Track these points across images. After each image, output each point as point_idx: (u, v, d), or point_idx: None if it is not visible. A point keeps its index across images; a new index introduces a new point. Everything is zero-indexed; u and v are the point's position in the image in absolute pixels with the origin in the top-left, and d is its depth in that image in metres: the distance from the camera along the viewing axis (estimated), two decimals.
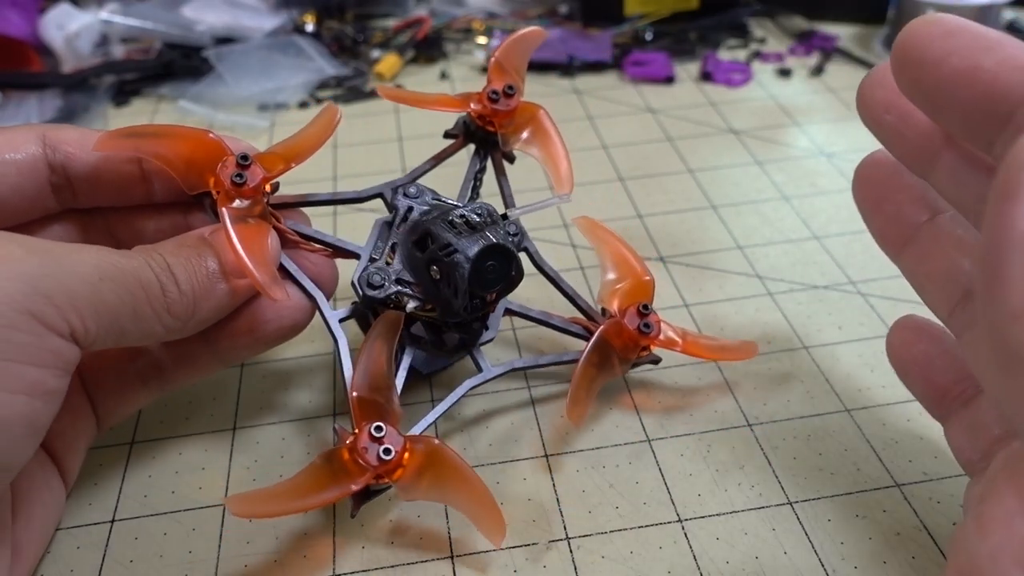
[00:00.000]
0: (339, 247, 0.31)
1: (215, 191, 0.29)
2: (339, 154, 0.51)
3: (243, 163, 0.29)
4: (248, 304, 0.30)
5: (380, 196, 0.33)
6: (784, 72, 0.59)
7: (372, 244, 0.31)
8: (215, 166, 0.29)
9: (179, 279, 0.27)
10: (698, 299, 0.39)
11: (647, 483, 0.31)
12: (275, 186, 0.30)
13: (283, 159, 0.30)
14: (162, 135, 0.29)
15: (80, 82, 0.58)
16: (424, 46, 0.62)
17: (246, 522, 0.29)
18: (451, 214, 0.30)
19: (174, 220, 0.31)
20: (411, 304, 0.30)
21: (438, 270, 0.29)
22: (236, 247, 0.28)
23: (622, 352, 0.32)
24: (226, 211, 0.28)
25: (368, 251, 0.31)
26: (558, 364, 0.34)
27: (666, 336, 0.33)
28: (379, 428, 0.26)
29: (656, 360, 0.34)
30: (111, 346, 0.25)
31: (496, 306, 0.32)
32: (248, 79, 0.58)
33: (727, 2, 0.64)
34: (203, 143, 0.29)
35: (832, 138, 0.51)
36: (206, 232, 0.29)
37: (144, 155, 0.29)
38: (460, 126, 0.35)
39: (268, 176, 0.29)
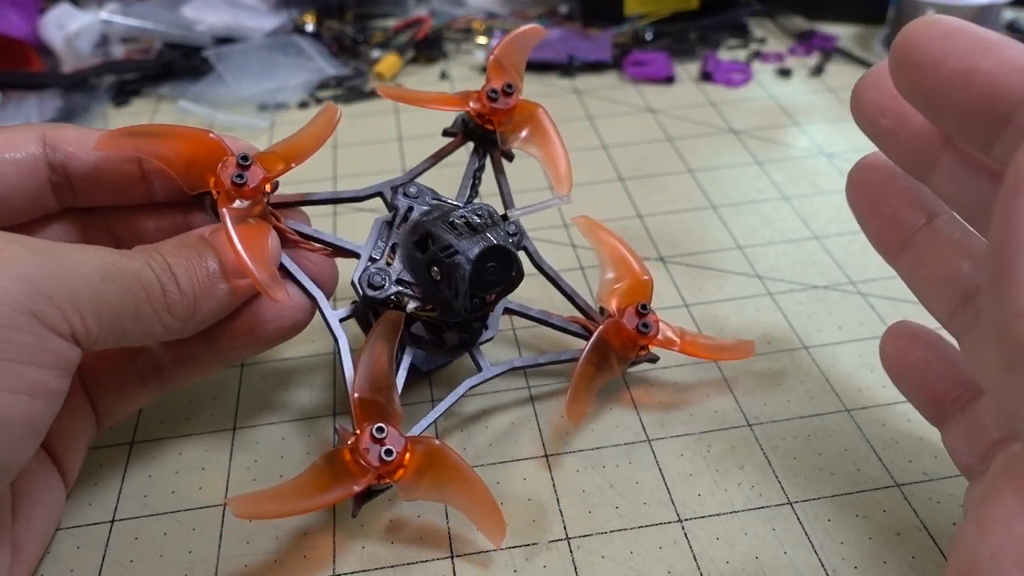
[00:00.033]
0: (339, 246, 0.31)
1: (215, 191, 0.29)
2: (339, 154, 0.51)
3: (243, 163, 0.29)
4: (248, 304, 0.30)
5: (380, 195, 0.33)
6: (784, 72, 0.59)
7: (372, 244, 0.31)
8: (215, 166, 0.29)
9: (180, 279, 0.27)
10: (698, 299, 0.39)
11: (647, 483, 0.31)
12: (275, 185, 0.30)
13: (283, 159, 0.30)
14: (162, 135, 0.29)
15: (80, 82, 0.58)
16: (424, 46, 0.62)
17: (246, 522, 0.29)
18: (452, 215, 0.30)
19: (174, 219, 0.31)
20: (411, 304, 0.30)
21: (439, 271, 0.29)
22: (237, 247, 0.28)
23: (620, 351, 0.32)
24: (226, 211, 0.28)
25: (368, 250, 0.31)
26: (557, 363, 0.34)
27: (664, 336, 0.33)
28: (380, 429, 0.27)
29: (654, 359, 0.34)
30: (112, 346, 0.25)
31: (496, 306, 0.32)
32: (248, 79, 0.58)
33: (727, 2, 0.64)
34: (203, 143, 0.29)
35: (832, 138, 0.51)
36: (206, 232, 0.29)
37: (144, 155, 0.29)
38: (459, 124, 0.35)
39: (268, 176, 0.29)
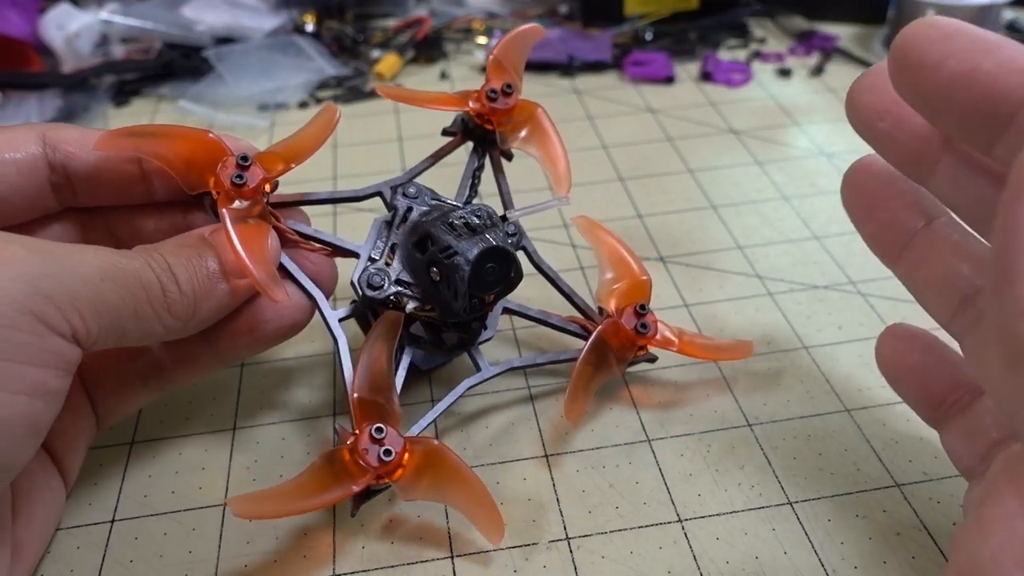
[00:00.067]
0: (338, 246, 0.31)
1: (215, 191, 0.29)
2: (339, 154, 0.51)
3: (243, 164, 0.29)
4: (248, 304, 0.30)
5: (379, 195, 0.33)
6: (784, 72, 0.59)
7: (371, 243, 0.31)
8: (215, 166, 0.29)
9: (180, 279, 0.27)
10: (698, 299, 0.39)
11: (647, 483, 0.31)
12: (274, 185, 0.30)
13: (283, 159, 0.30)
14: (162, 135, 0.29)
15: (80, 82, 0.58)
16: (424, 46, 0.62)
17: (246, 522, 0.29)
18: (451, 216, 0.30)
19: (174, 219, 0.31)
20: (410, 305, 0.30)
21: (438, 272, 0.29)
22: (236, 248, 0.28)
23: (619, 352, 0.32)
24: (226, 212, 0.28)
25: (367, 250, 0.31)
26: (556, 363, 0.34)
27: (663, 336, 0.33)
28: (380, 430, 0.27)
29: (653, 359, 0.34)
30: (112, 346, 0.25)
31: (494, 306, 0.32)
32: (248, 79, 0.58)
33: (727, 2, 0.64)
34: (203, 143, 0.29)
35: (832, 138, 0.51)
36: (206, 232, 0.29)
37: (144, 155, 0.29)
38: (458, 124, 0.35)
39: (268, 177, 0.29)
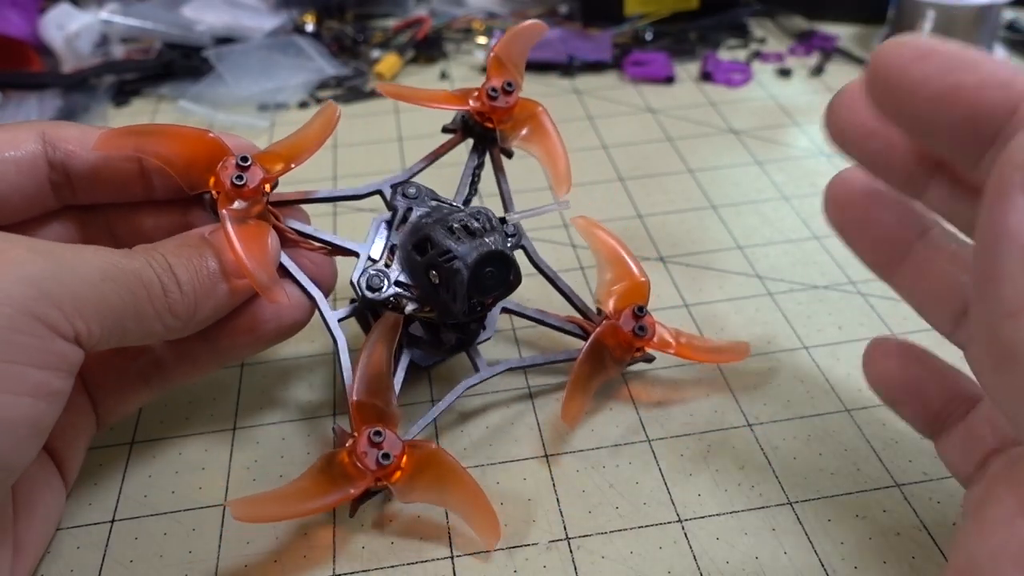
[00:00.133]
0: (338, 245, 0.31)
1: (215, 192, 0.29)
2: (339, 154, 0.51)
3: (243, 164, 0.29)
4: (248, 303, 0.30)
5: (379, 193, 0.33)
6: (784, 72, 0.59)
7: (371, 243, 0.31)
8: (215, 166, 0.29)
9: (181, 279, 0.27)
10: (698, 299, 0.39)
11: (647, 483, 0.31)
12: (274, 183, 0.30)
13: (283, 159, 0.30)
14: (162, 135, 0.29)
15: (80, 82, 0.58)
16: (424, 46, 0.62)
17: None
18: (450, 219, 0.30)
19: (173, 217, 0.31)
20: (409, 306, 0.30)
21: (437, 275, 0.29)
22: (237, 250, 0.28)
23: (616, 353, 0.32)
24: (226, 213, 0.28)
25: (367, 250, 0.31)
26: (553, 363, 0.34)
27: (660, 338, 0.33)
28: (378, 433, 0.27)
29: (650, 359, 0.34)
30: (113, 346, 0.25)
31: (494, 306, 0.32)
32: (248, 79, 0.58)
33: (727, 2, 0.64)
34: (203, 143, 0.29)
35: None
36: (206, 232, 0.29)
37: (144, 155, 0.29)
38: (458, 121, 0.35)
39: (268, 177, 0.29)
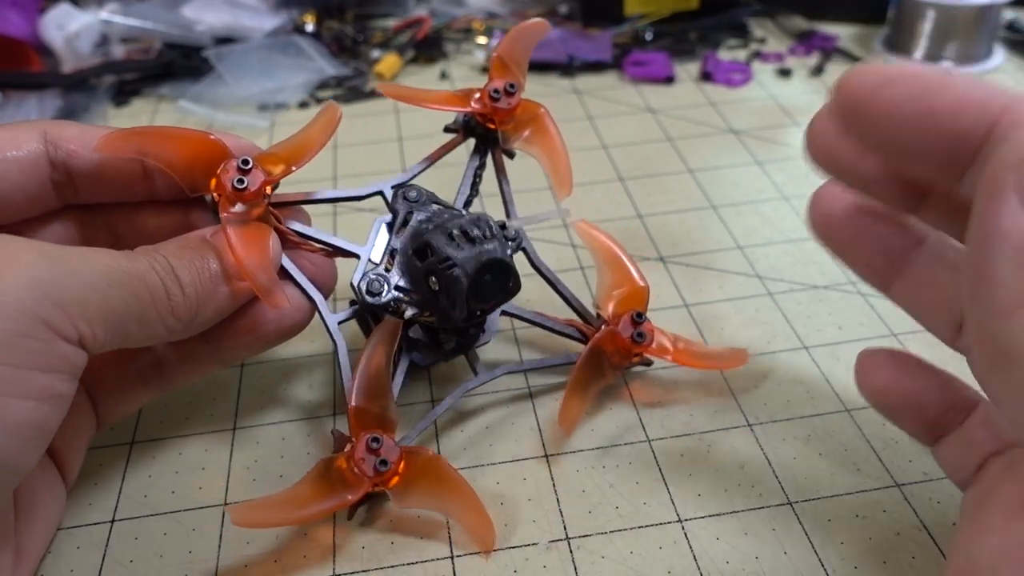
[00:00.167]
0: (339, 247, 0.31)
1: (216, 194, 0.29)
2: (339, 154, 0.51)
3: (244, 167, 0.29)
4: (249, 305, 0.30)
5: (380, 194, 0.33)
6: (784, 72, 0.59)
7: (371, 245, 0.31)
8: (216, 168, 0.29)
9: (183, 282, 0.27)
10: (698, 299, 0.39)
11: (647, 483, 0.31)
12: (275, 185, 0.30)
13: (285, 160, 0.30)
14: (164, 137, 0.29)
15: (80, 82, 0.58)
16: (424, 46, 0.62)
17: None
18: (450, 225, 0.30)
19: (175, 217, 0.31)
20: (409, 311, 0.30)
21: (437, 281, 0.29)
22: (238, 254, 0.28)
23: (615, 359, 0.32)
24: (226, 218, 0.28)
25: (368, 252, 0.31)
26: (551, 367, 0.34)
27: (659, 344, 0.33)
28: (376, 440, 0.27)
29: (648, 362, 0.34)
30: (115, 348, 0.25)
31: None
32: (248, 79, 0.58)
33: (727, 2, 0.64)
34: (204, 145, 0.29)
35: None
36: (208, 233, 0.29)
37: (146, 157, 0.29)
38: (460, 121, 0.35)
39: (269, 180, 0.29)
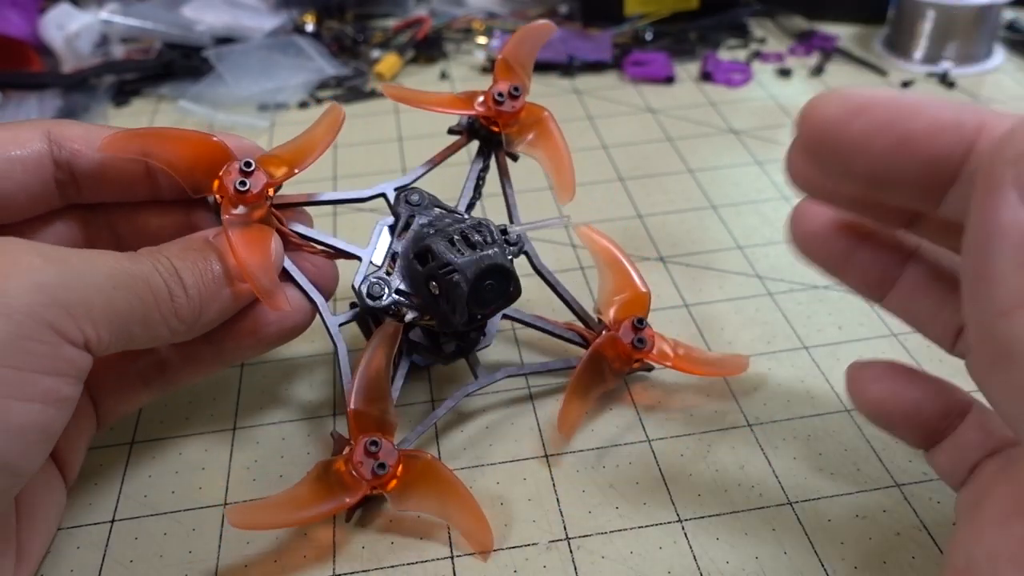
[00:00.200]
0: (341, 249, 0.31)
1: (219, 196, 0.29)
2: (339, 154, 0.51)
3: (246, 170, 0.29)
4: (251, 306, 0.30)
5: (383, 196, 0.33)
6: (784, 72, 0.59)
7: (373, 247, 0.31)
8: (219, 170, 0.29)
9: (186, 283, 0.27)
10: (698, 299, 0.39)
11: (647, 483, 0.31)
12: (278, 186, 0.30)
13: (287, 163, 0.30)
14: (167, 138, 0.29)
15: (80, 82, 0.58)
16: (424, 46, 0.62)
17: None
18: (451, 231, 0.30)
19: (177, 217, 0.31)
20: (410, 315, 0.30)
21: (437, 286, 0.29)
22: (240, 257, 0.28)
23: (615, 364, 0.32)
24: (227, 220, 0.28)
25: (369, 254, 0.31)
26: (552, 371, 0.34)
27: (659, 351, 0.33)
28: (375, 443, 0.27)
29: (649, 368, 0.34)
30: (119, 350, 0.26)
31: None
32: (248, 79, 0.58)
33: (727, 2, 0.64)
34: (207, 147, 0.29)
35: None
36: (210, 235, 0.29)
37: (149, 158, 0.29)
38: (464, 124, 0.35)
39: (271, 182, 0.29)
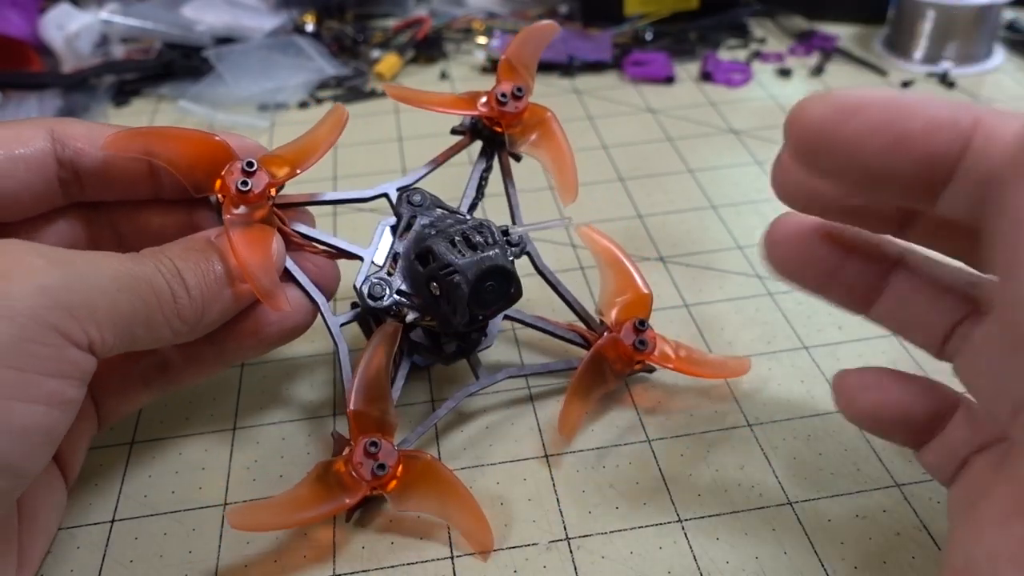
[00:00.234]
0: (343, 250, 0.31)
1: (221, 196, 0.29)
2: (339, 154, 0.51)
3: (248, 169, 0.29)
4: (252, 306, 0.30)
5: (385, 196, 0.33)
6: (784, 72, 0.59)
7: (375, 247, 0.31)
8: (221, 170, 0.29)
9: (189, 284, 0.27)
10: (698, 299, 0.39)
11: (647, 483, 0.31)
12: (280, 187, 0.30)
13: (289, 163, 0.30)
14: (169, 137, 0.29)
15: (80, 82, 0.58)
16: (424, 46, 0.62)
17: None
18: (452, 232, 0.30)
19: (180, 217, 0.31)
20: (410, 315, 0.30)
21: (438, 287, 0.29)
22: (241, 258, 0.28)
23: (616, 365, 0.32)
24: (229, 220, 0.28)
25: (371, 254, 0.31)
26: (552, 372, 0.34)
27: (661, 352, 0.33)
28: (375, 444, 0.27)
29: (651, 369, 0.34)
30: (122, 352, 0.26)
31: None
32: (248, 79, 0.58)
33: (727, 2, 0.64)
34: (209, 146, 0.29)
35: None
36: (212, 235, 0.29)
37: (152, 157, 0.29)
38: (467, 124, 0.35)
39: (273, 182, 0.29)
